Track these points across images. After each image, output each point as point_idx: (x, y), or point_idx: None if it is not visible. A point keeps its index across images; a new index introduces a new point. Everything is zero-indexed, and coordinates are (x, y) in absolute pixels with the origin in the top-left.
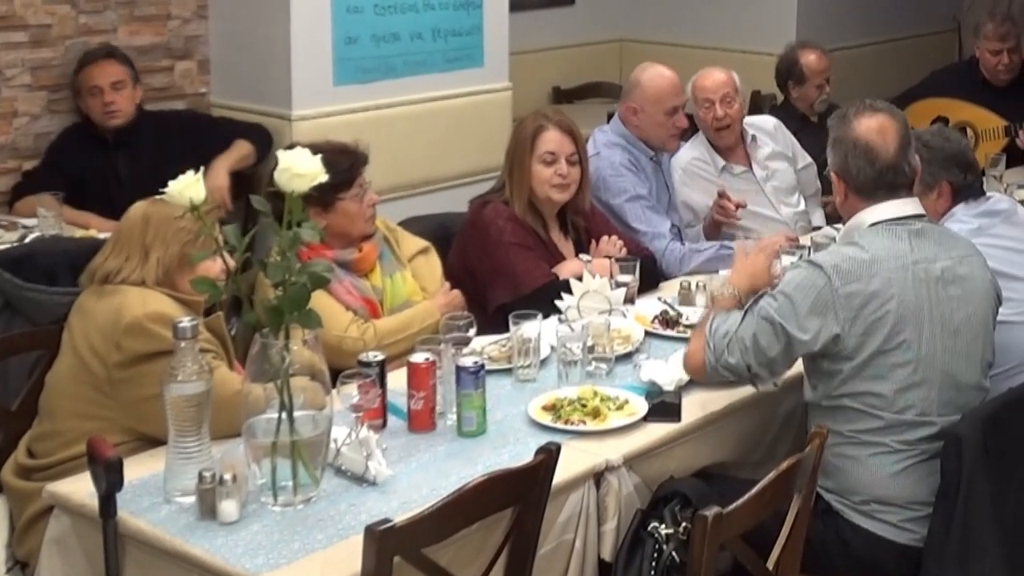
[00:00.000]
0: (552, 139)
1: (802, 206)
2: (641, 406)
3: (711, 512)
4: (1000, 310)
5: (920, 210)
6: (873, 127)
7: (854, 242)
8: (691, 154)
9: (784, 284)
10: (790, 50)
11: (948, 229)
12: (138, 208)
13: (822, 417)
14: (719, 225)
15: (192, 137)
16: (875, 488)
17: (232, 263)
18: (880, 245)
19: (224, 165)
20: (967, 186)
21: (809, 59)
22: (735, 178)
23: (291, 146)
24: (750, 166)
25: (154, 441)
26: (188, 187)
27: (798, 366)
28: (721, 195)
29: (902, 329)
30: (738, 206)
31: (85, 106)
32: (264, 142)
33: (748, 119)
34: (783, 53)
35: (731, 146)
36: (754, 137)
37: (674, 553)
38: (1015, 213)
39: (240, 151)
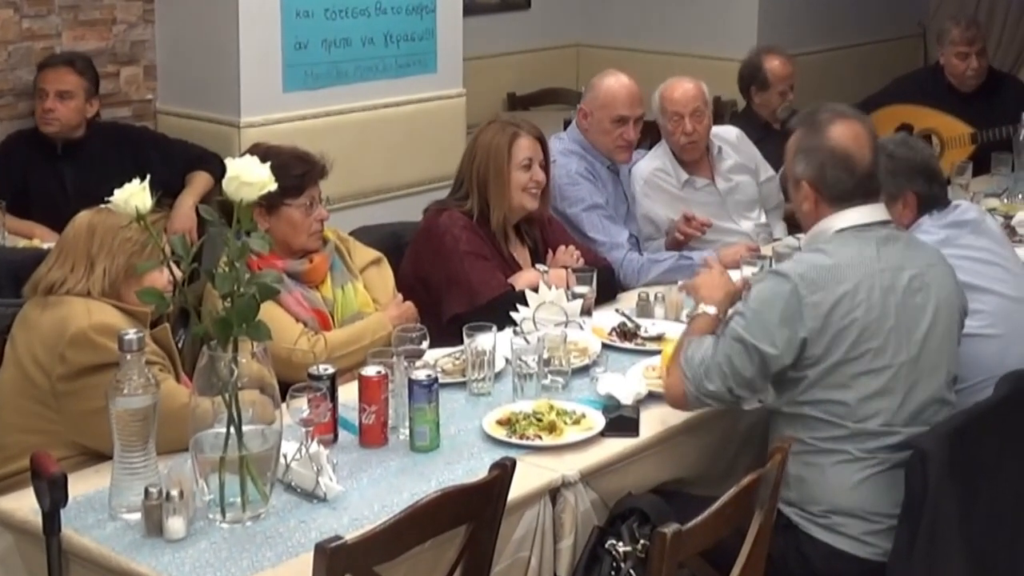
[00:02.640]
0: (527, 145)
1: (763, 219)
2: (598, 420)
3: (670, 529)
4: (968, 323)
5: (887, 216)
6: (849, 135)
7: (820, 249)
8: (653, 165)
9: (751, 299)
10: (753, 55)
11: (916, 237)
12: (83, 218)
13: (784, 424)
14: (681, 243)
15: (143, 155)
16: (836, 498)
17: (179, 274)
18: (847, 252)
19: (190, 204)
20: (932, 196)
21: (773, 65)
22: (698, 191)
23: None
24: (713, 179)
25: (99, 456)
26: (133, 196)
27: None
28: (688, 219)
29: (868, 338)
30: (704, 225)
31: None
32: (221, 169)
33: (712, 129)
34: (746, 58)
35: (696, 159)
36: (720, 149)
37: (632, 571)
38: (983, 223)
39: (203, 186)
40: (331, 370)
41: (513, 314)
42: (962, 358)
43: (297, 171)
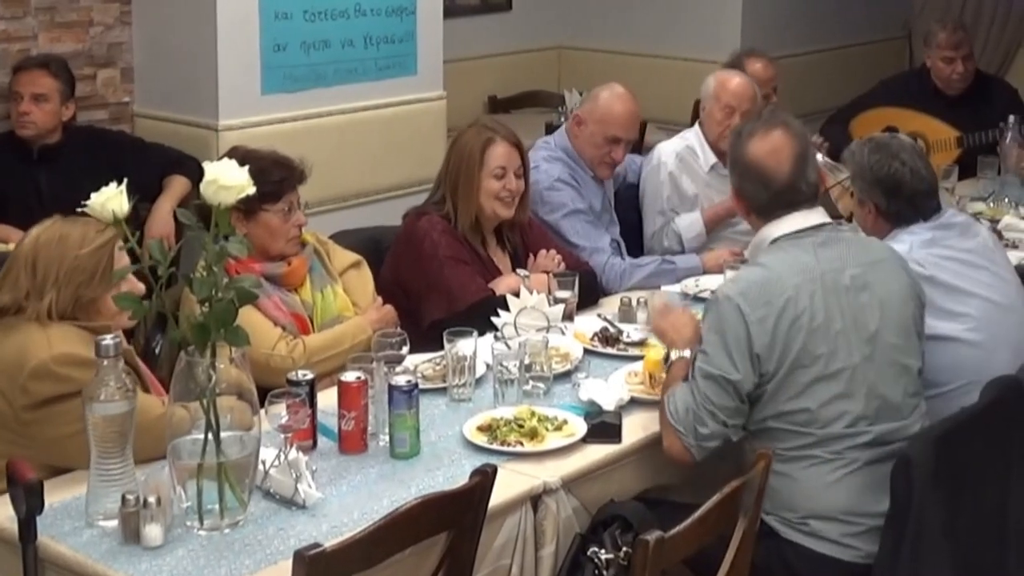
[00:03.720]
0: (502, 153)
1: None
2: (580, 427)
3: (653, 537)
4: (950, 325)
5: (824, 219)
6: (765, 149)
7: (757, 263)
8: (684, 143)
9: (705, 332)
10: (735, 58)
11: (861, 236)
12: (29, 240)
13: (752, 438)
14: (719, 220)
15: (120, 159)
16: (811, 502)
17: (141, 288)
18: (783, 261)
19: (168, 209)
20: (893, 214)
21: (755, 67)
22: (721, 178)
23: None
24: None
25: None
26: (110, 200)
27: None
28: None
29: (818, 343)
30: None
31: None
32: (199, 172)
33: None
34: (728, 61)
35: (726, 150)
36: None
37: None
38: (970, 227)
39: (180, 190)
40: (310, 375)
41: (494, 319)
42: (944, 361)
43: (276, 176)
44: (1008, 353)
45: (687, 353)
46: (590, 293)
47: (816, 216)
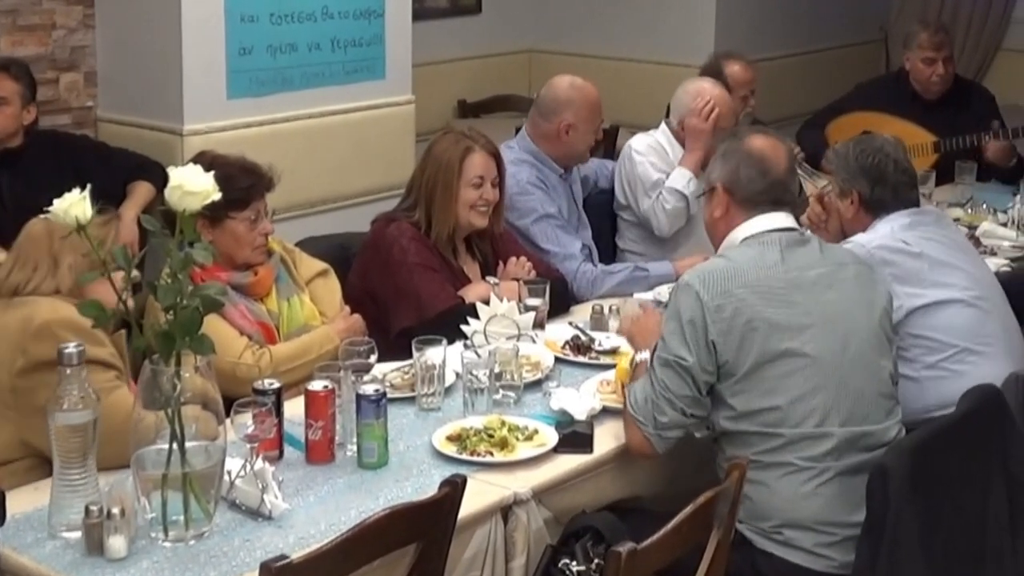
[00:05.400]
0: (480, 162)
1: None
2: (551, 436)
3: (625, 548)
4: (945, 292)
5: (793, 224)
6: (767, 144)
7: (722, 255)
8: (654, 139)
9: (664, 321)
10: (713, 60)
11: (830, 244)
12: (37, 223)
13: (725, 445)
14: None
15: (83, 164)
16: (786, 511)
17: (120, 285)
18: (748, 256)
19: (132, 215)
20: (875, 201)
21: (733, 69)
22: None
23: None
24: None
25: (46, 462)
26: (73, 205)
27: None
28: None
29: (783, 338)
30: None
31: None
32: (164, 178)
33: None
34: (706, 64)
35: None
36: None
37: None
38: (943, 218)
39: (145, 196)
40: (276, 385)
41: (463, 327)
42: (943, 322)
43: (243, 183)
44: (999, 325)
45: (648, 355)
46: (561, 300)
47: (786, 220)
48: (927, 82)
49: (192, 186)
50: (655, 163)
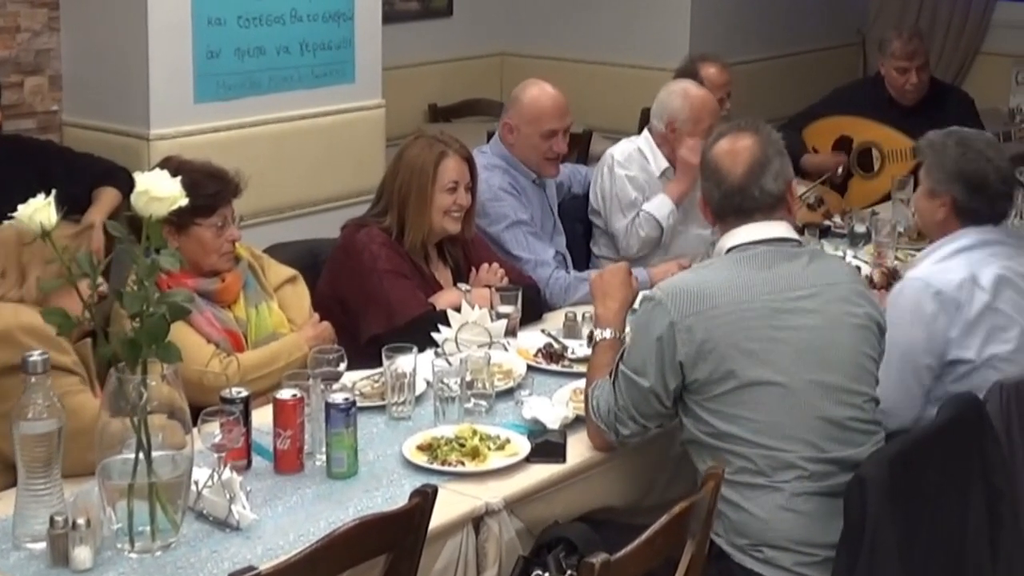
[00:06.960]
0: (454, 167)
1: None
2: (523, 446)
3: (598, 559)
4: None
5: (785, 233)
6: (724, 149)
7: (698, 270)
8: (635, 146)
9: (632, 331)
10: (689, 63)
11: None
12: (8, 228)
13: (707, 455)
14: (684, 193)
15: (47, 169)
16: (763, 531)
17: (85, 292)
18: (724, 277)
19: (98, 222)
20: (970, 210)
21: (709, 72)
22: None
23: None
24: None
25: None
26: (38, 211)
27: None
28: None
29: (754, 365)
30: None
31: None
32: (130, 184)
33: None
34: (681, 66)
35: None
36: None
37: None
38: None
39: (111, 202)
40: (244, 393)
41: (434, 335)
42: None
43: (209, 189)
44: None
45: (607, 334)
46: (533, 308)
47: (776, 229)
48: (901, 90)
49: (159, 192)
50: (634, 177)
